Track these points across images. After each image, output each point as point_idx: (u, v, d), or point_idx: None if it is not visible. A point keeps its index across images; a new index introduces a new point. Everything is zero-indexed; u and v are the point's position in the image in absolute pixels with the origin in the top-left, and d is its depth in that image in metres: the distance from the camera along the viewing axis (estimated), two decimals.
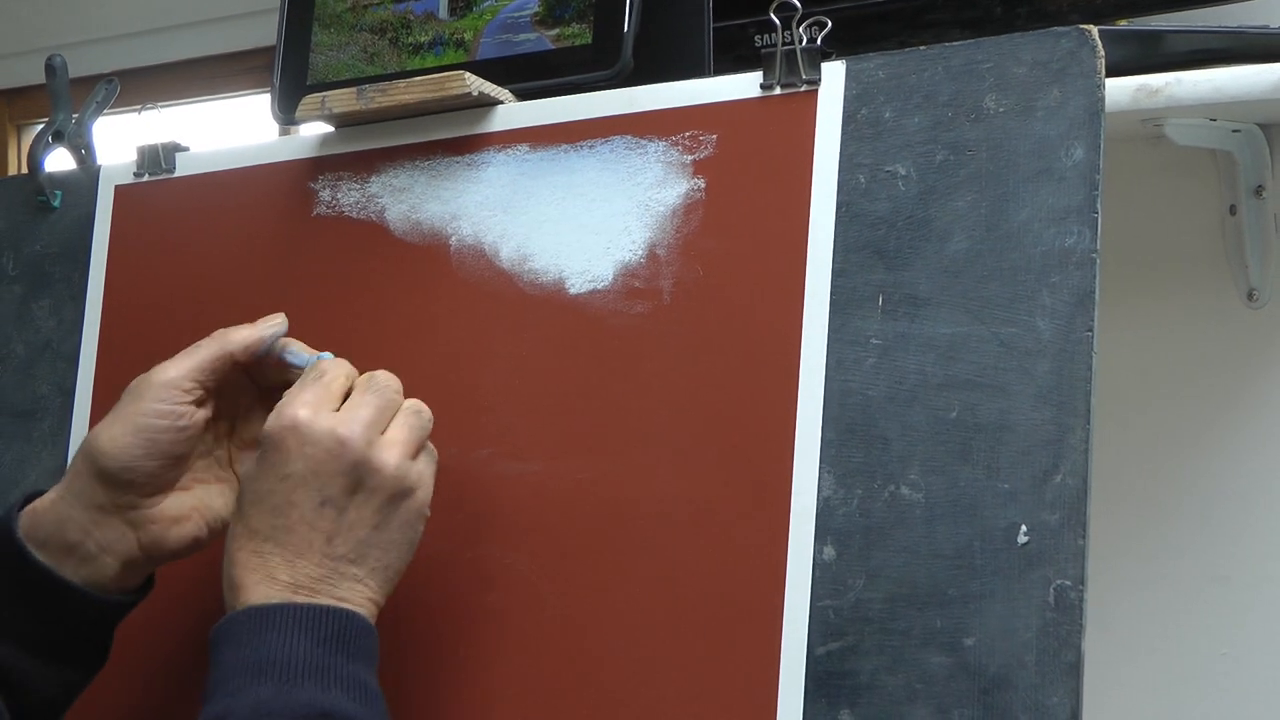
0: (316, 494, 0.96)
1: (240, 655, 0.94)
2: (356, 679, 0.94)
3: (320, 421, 0.97)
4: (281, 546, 0.96)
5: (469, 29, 1.16)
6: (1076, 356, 0.91)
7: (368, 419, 0.98)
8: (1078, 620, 0.88)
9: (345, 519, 0.96)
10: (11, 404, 1.27)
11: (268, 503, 0.97)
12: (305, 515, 0.96)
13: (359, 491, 0.97)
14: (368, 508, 0.97)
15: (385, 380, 1.01)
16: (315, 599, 0.95)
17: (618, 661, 1.00)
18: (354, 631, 0.95)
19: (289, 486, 0.96)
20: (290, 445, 0.97)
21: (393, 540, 0.98)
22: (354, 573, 0.97)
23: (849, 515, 0.95)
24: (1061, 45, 0.95)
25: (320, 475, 0.96)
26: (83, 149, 1.32)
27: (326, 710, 0.92)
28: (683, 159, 1.05)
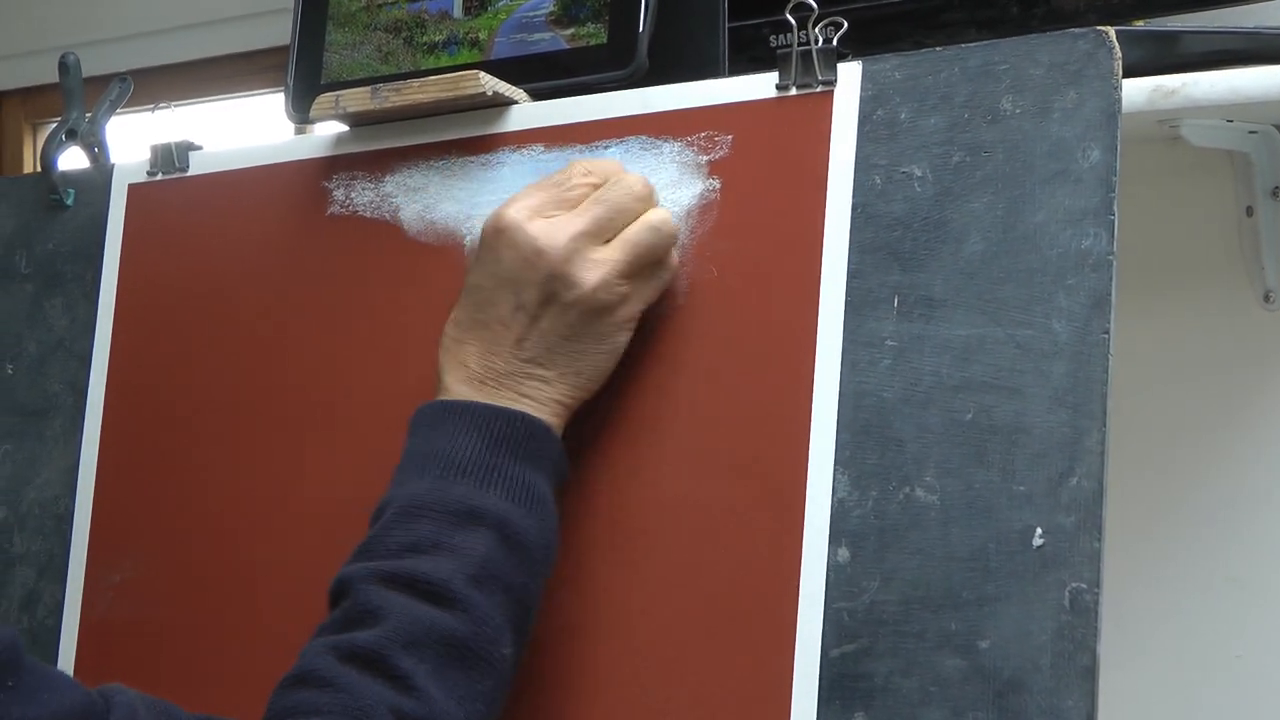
0: (513, 298, 1.00)
1: (415, 446, 1.00)
2: (522, 480, 0.97)
3: (528, 228, 0.99)
4: (478, 339, 1.01)
5: (484, 28, 1.16)
6: (1093, 359, 0.90)
7: (579, 230, 0.99)
8: (1093, 623, 0.87)
9: (537, 326, 1.00)
10: (24, 403, 1.28)
11: (475, 296, 1.01)
12: (501, 315, 1.00)
13: (552, 304, 0.99)
14: (561, 320, 0.99)
15: (626, 186, 1.02)
16: (499, 394, 0.99)
17: (631, 663, 1.00)
18: (529, 434, 0.98)
19: (493, 285, 1.00)
20: (497, 246, 1.00)
21: (584, 349, 1.00)
22: (541, 374, 1.00)
23: (864, 517, 0.94)
24: (1078, 46, 0.94)
25: (517, 282, 0.99)
26: (96, 148, 1.32)
27: (477, 507, 0.96)
28: (698, 159, 1.04)
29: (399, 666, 0.91)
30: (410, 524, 0.96)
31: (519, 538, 0.96)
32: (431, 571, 0.94)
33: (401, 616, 0.92)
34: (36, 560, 1.25)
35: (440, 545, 0.95)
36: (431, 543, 0.95)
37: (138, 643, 1.19)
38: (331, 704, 0.90)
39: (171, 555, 1.19)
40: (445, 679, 0.92)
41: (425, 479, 0.97)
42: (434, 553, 0.95)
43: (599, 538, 1.02)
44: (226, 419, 1.19)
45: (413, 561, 0.94)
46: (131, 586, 1.20)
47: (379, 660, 0.91)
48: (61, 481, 1.25)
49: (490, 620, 0.94)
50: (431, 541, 0.95)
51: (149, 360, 1.24)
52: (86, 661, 1.20)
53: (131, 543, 1.21)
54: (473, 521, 0.95)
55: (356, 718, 0.90)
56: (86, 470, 1.24)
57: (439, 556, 0.94)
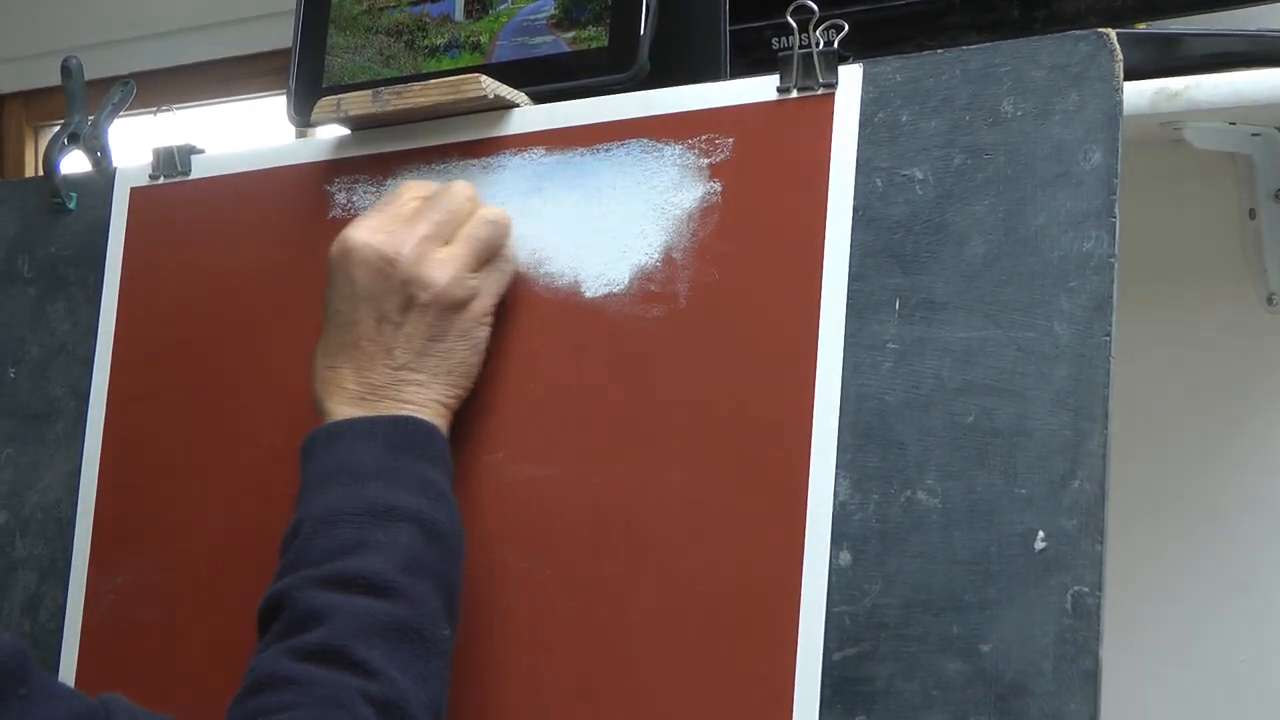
0: (374, 311, 1.04)
1: (314, 467, 1.03)
2: (423, 477, 1.01)
3: (373, 243, 1.04)
4: (349, 360, 1.04)
5: (485, 31, 1.16)
6: (1095, 361, 0.90)
7: (421, 235, 1.04)
8: (1095, 627, 0.87)
9: (401, 332, 1.03)
10: (26, 406, 1.28)
11: (336, 321, 1.05)
12: (367, 331, 1.04)
13: (411, 308, 1.03)
14: (422, 321, 1.03)
15: (455, 191, 1.07)
16: (382, 405, 1.03)
17: (633, 666, 1.00)
18: (418, 434, 1.02)
19: (351, 305, 1.04)
20: (348, 267, 1.04)
21: (449, 348, 1.04)
22: (416, 378, 1.04)
23: (865, 520, 0.94)
24: (1079, 49, 0.94)
25: (374, 294, 1.04)
26: (98, 151, 1.32)
27: (391, 505, 0.99)
28: (699, 162, 1.04)
29: (356, 654, 0.93)
30: (331, 531, 0.98)
31: (436, 528, 0.99)
32: (364, 567, 0.96)
33: (346, 611, 0.95)
34: (38, 564, 1.25)
35: (365, 543, 0.98)
36: (356, 542, 0.98)
37: (139, 647, 1.19)
38: (299, 699, 0.92)
39: (173, 559, 1.19)
40: (401, 662, 0.94)
41: (333, 490, 1.00)
42: (361, 551, 0.97)
43: (600, 541, 1.02)
44: (228, 422, 1.19)
45: (343, 563, 0.97)
46: (133, 590, 1.20)
47: (335, 652, 0.93)
48: (63, 485, 1.25)
49: (428, 603, 0.97)
50: (356, 541, 0.98)
51: (151, 364, 1.24)
52: (88, 665, 1.20)
53: (133, 547, 1.21)
54: (390, 518, 0.98)
55: (328, 706, 0.91)
56: (88, 474, 1.24)
57: (366, 553, 0.97)
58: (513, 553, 1.05)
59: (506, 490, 1.06)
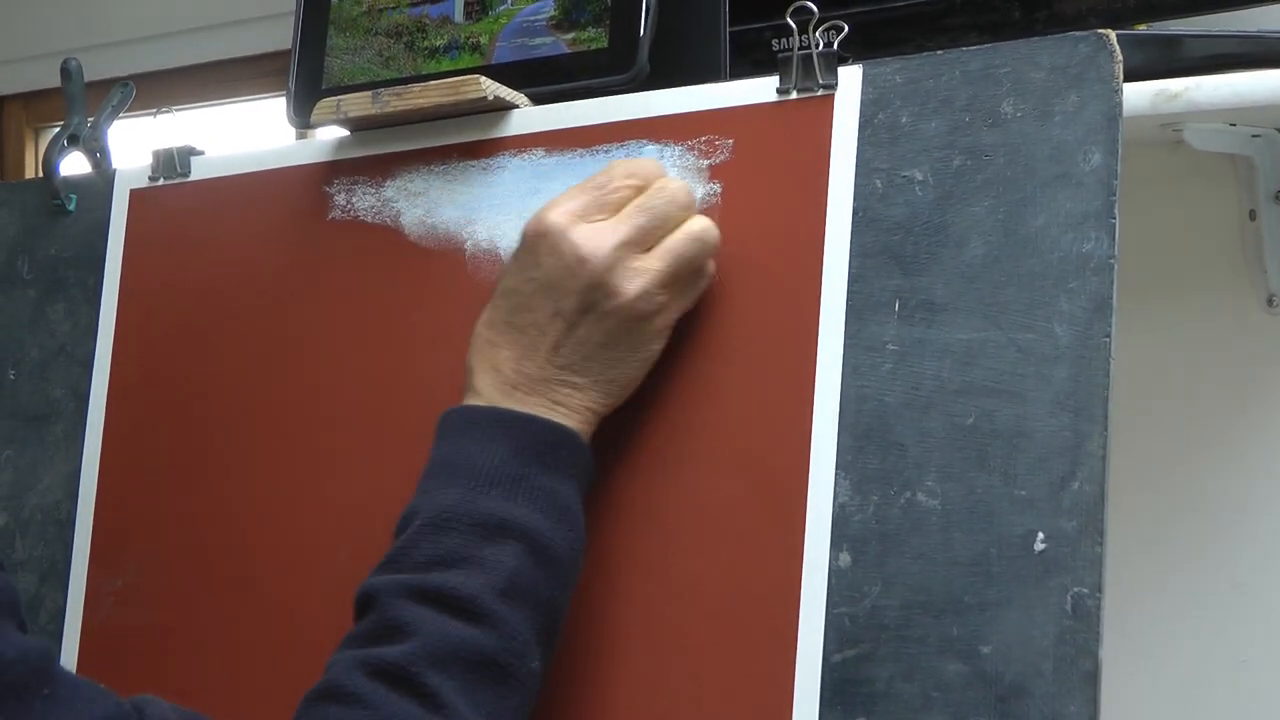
0: (552, 304, 0.98)
1: (442, 453, 0.99)
2: (550, 491, 0.97)
3: (570, 234, 0.98)
4: (512, 343, 1.00)
5: (484, 33, 1.16)
6: (1094, 362, 0.90)
7: (621, 238, 0.98)
8: (1095, 628, 0.87)
9: (574, 334, 0.98)
10: (25, 408, 1.28)
11: (512, 299, 1.00)
12: (538, 320, 0.99)
13: (591, 312, 0.98)
14: (598, 328, 0.98)
15: (670, 195, 1.01)
16: (530, 400, 0.99)
17: (632, 667, 0.99)
18: (559, 443, 0.98)
19: (531, 289, 0.99)
20: (538, 250, 0.99)
21: (619, 358, 0.99)
22: (574, 381, 0.99)
23: (865, 522, 0.94)
24: (1079, 50, 0.94)
25: (557, 288, 0.98)
26: (98, 152, 1.32)
27: (506, 520, 0.95)
28: (699, 164, 1.04)
29: (428, 684, 0.90)
30: (438, 536, 0.95)
31: (548, 550, 0.95)
32: (460, 586, 0.93)
33: (430, 632, 0.92)
34: (38, 566, 1.25)
35: (469, 559, 0.94)
36: (460, 556, 0.94)
37: (140, 648, 1.19)
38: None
39: (173, 561, 1.19)
40: (474, 696, 0.91)
41: (453, 489, 0.97)
42: (463, 566, 0.94)
43: (599, 542, 1.02)
44: (228, 424, 1.19)
45: (441, 575, 0.94)
46: (133, 592, 1.20)
47: (408, 677, 0.90)
48: (63, 487, 1.25)
49: (519, 635, 0.93)
50: (460, 555, 0.94)
51: (150, 365, 1.24)
52: (88, 668, 1.20)
53: (133, 548, 1.21)
54: (501, 534, 0.95)
55: None
56: (88, 476, 1.24)
57: (468, 570, 0.94)
58: None
59: None
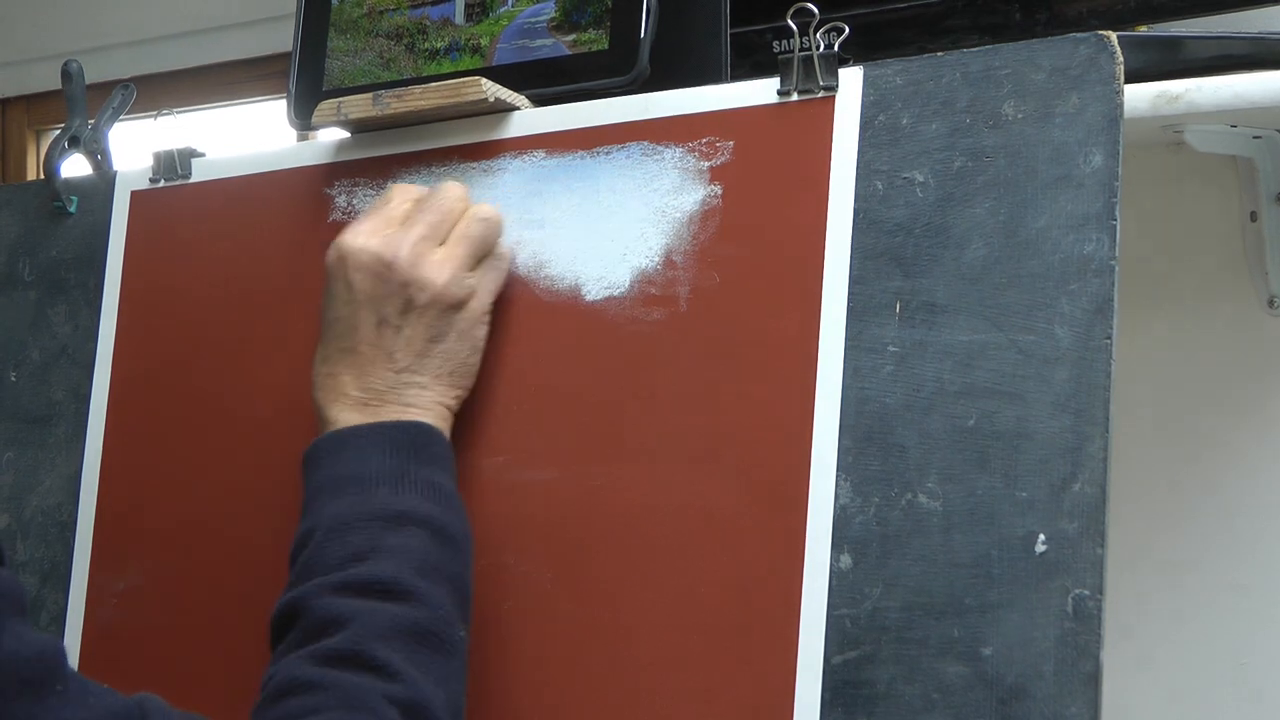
0: (374, 315, 1.04)
1: (320, 476, 1.03)
2: (430, 481, 1.01)
3: (370, 247, 1.04)
4: (350, 366, 1.04)
5: (485, 34, 1.16)
6: (1095, 364, 0.90)
7: (417, 237, 1.04)
8: (1096, 630, 0.87)
9: (402, 335, 1.03)
10: (27, 409, 1.28)
11: (335, 329, 1.05)
12: (367, 336, 1.04)
13: (410, 310, 1.03)
14: (421, 323, 1.04)
15: (446, 192, 1.07)
16: (384, 410, 1.03)
17: (633, 670, 0.99)
18: (423, 439, 1.02)
19: (350, 311, 1.04)
20: (346, 272, 1.05)
21: (449, 349, 1.05)
22: (418, 380, 1.04)
23: (866, 524, 0.94)
24: (1080, 52, 0.94)
25: (373, 299, 1.04)
26: (99, 154, 1.32)
27: (401, 510, 0.99)
28: (699, 165, 1.04)
29: (377, 657, 0.93)
30: (342, 538, 0.99)
31: (445, 531, 1.00)
32: (379, 572, 0.97)
33: (364, 616, 0.95)
34: (39, 568, 1.25)
35: (377, 549, 0.98)
36: (369, 548, 0.98)
37: (141, 650, 1.19)
38: (325, 703, 0.92)
39: (174, 562, 1.19)
40: (422, 664, 0.95)
41: (343, 498, 1.00)
42: (374, 556, 0.97)
43: (600, 544, 1.02)
44: (229, 425, 1.19)
45: (356, 569, 0.97)
46: (134, 594, 1.20)
47: (356, 655, 0.93)
48: (64, 489, 1.25)
49: (443, 606, 0.97)
50: (369, 547, 0.98)
51: (151, 367, 1.24)
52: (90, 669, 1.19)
53: (134, 550, 1.21)
54: (401, 523, 0.99)
55: (354, 709, 0.91)
56: (89, 477, 1.24)
57: (380, 559, 0.97)
58: (513, 556, 1.05)
59: (508, 494, 1.06)
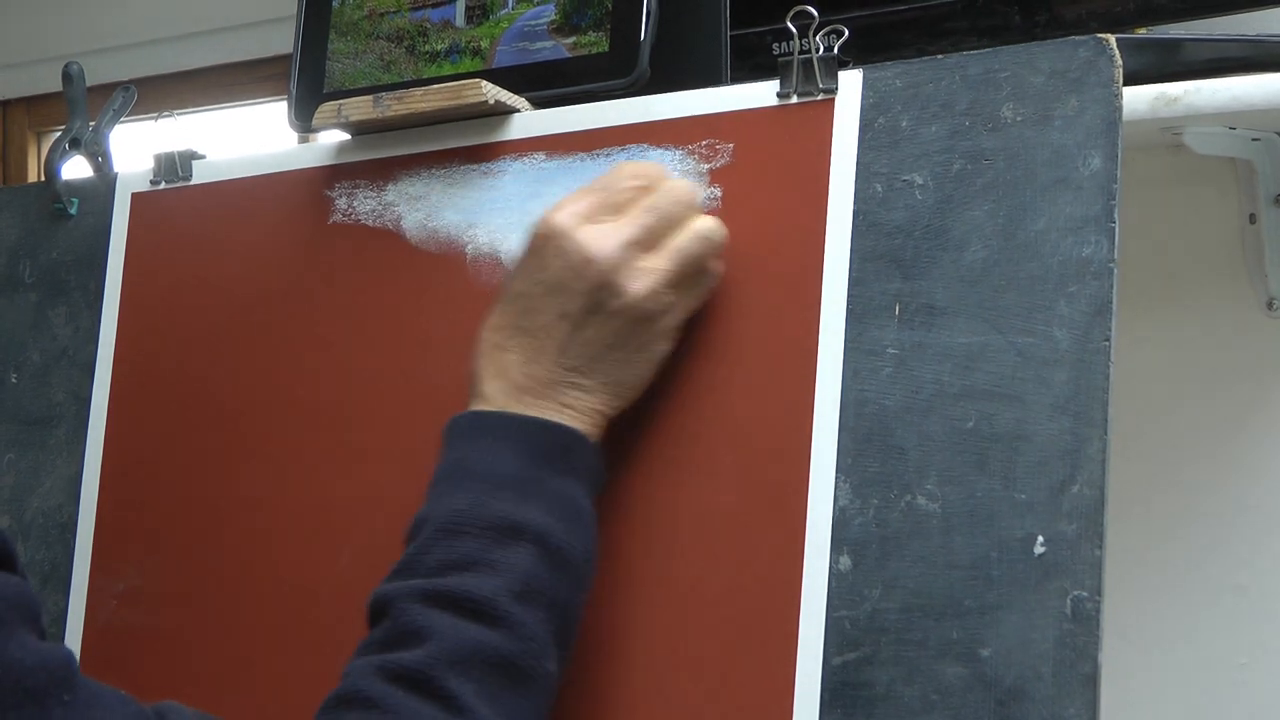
0: (559, 305, 0.98)
1: (451, 459, 0.99)
2: (561, 494, 0.96)
3: (576, 234, 0.98)
4: (520, 346, 0.99)
5: (485, 37, 1.16)
6: (1094, 366, 0.90)
7: (627, 238, 0.98)
8: (1095, 631, 0.87)
9: (581, 334, 0.98)
10: (27, 411, 1.28)
11: (519, 303, 1.00)
12: (546, 322, 0.99)
13: (598, 312, 0.98)
14: (605, 328, 0.98)
15: (675, 195, 1.01)
16: (539, 404, 0.98)
17: (632, 670, 1.00)
18: (568, 446, 0.98)
19: (538, 292, 0.99)
20: (545, 252, 0.99)
21: (627, 358, 0.99)
22: (583, 383, 0.99)
23: (865, 525, 0.94)
24: (1079, 54, 0.94)
25: (564, 289, 0.98)
26: (100, 156, 1.33)
27: (518, 523, 0.94)
28: (699, 168, 1.04)
29: (446, 686, 0.90)
30: (451, 541, 0.94)
31: (561, 552, 0.95)
32: (475, 588, 0.92)
33: (447, 635, 0.91)
34: (40, 569, 1.25)
35: (482, 561, 0.93)
36: (474, 559, 0.93)
37: (141, 651, 1.19)
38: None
39: (175, 564, 1.19)
40: (493, 698, 0.91)
41: (464, 494, 0.96)
42: (476, 569, 0.93)
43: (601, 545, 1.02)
44: (229, 427, 1.19)
45: (455, 579, 0.93)
46: (135, 595, 1.20)
47: (426, 681, 0.90)
48: (65, 490, 1.25)
49: (536, 636, 0.93)
50: (473, 558, 0.93)
51: (152, 369, 1.24)
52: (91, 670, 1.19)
53: (135, 551, 1.21)
54: (514, 537, 0.94)
55: None
56: (90, 479, 1.24)
57: (481, 573, 0.93)
58: None
59: None
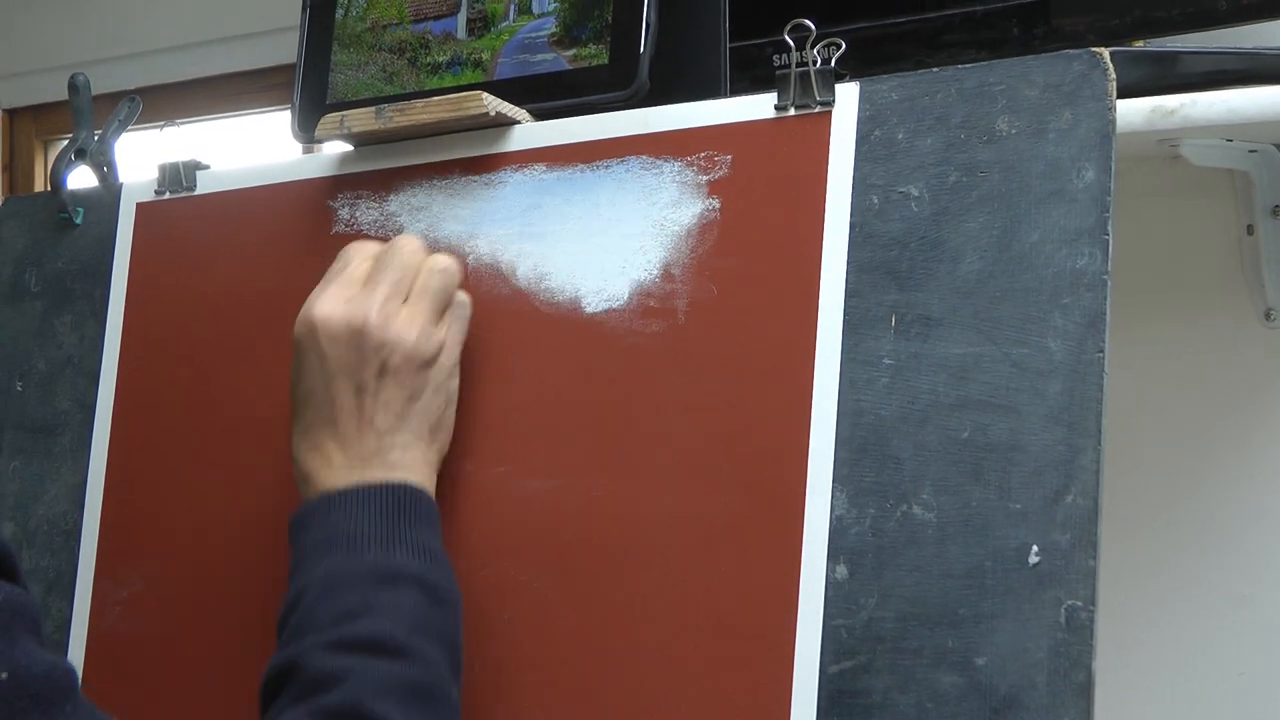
0: (351, 383, 1.03)
1: (309, 538, 1.02)
2: (419, 542, 1.01)
3: (338, 316, 1.04)
4: (332, 436, 1.04)
5: (487, 49, 1.17)
6: (1088, 377, 0.91)
7: (383, 298, 1.04)
8: (1088, 641, 0.88)
9: (379, 399, 1.03)
10: (33, 419, 1.28)
11: (313, 401, 1.05)
12: (344, 404, 1.04)
13: (385, 373, 1.03)
14: (397, 384, 1.04)
15: (401, 246, 1.07)
16: (372, 473, 1.03)
17: (631, 679, 1.00)
18: (410, 500, 1.03)
19: (325, 383, 1.04)
20: (319, 344, 1.04)
21: (428, 405, 1.05)
22: (401, 441, 1.04)
23: (861, 534, 0.95)
24: (1073, 68, 0.95)
25: (348, 366, 1.04)
26: (105, 166, 1.33)
27: (395, 569, 0.99)
28: (698, 179, 1.05)
29: (375, 712, 0.93)
30: (334, 597, 0.98)
31: (439, 590, 1.00)
32: (373, 629, 0.96)
33: (362, 673, 0.94)
34: (44, 576, 1.25)
35: (371, 606, 0.97)
36: (361, 606, 0.97)
37: (145, 658, 1.19)
38: None
39: (179, 571, 1.20)
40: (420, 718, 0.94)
41: (332, 558, 1.00)
42: (369, 614, 0.97)
43: (599, 553, 1.02)
44: (233, 435, 1.19)
45: (350, 626, 0.97)
46: (139, 602, 1.21)
47: (355, 711, 0.93)
48: (70, 498, 1.26)
49: (438, 664, 0.97)
50: (361, 605, 0.97)
51: (156, 377, 1.25)
52: (94, 677, 1.21)
53: (139, 559, 1.21)
54: (394, 582, 0.98)
55: None
56: (95, 486, 1.25)
57: (375, 616, 0.97)
58: (513, 566, 1.05)
59: (508, 504, 1.06)
